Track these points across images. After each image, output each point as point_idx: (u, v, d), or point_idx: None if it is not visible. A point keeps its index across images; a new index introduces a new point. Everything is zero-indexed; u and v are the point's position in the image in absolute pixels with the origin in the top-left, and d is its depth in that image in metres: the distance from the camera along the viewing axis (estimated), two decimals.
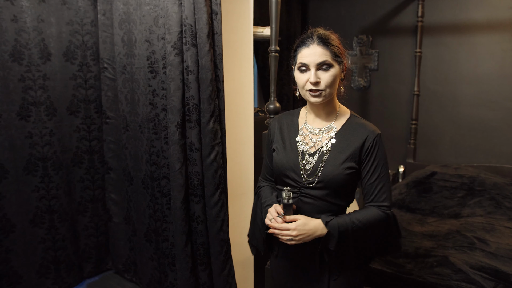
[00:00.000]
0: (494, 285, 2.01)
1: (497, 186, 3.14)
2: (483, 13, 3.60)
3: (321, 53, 1.39)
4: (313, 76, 1.39)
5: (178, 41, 2.09)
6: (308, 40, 1.42)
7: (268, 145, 1.67)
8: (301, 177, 1.47)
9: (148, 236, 2.65)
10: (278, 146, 1.57)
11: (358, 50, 4.34)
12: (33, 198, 2.60)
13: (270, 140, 1.64)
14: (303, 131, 1.55)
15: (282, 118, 1.65)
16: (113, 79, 2.78)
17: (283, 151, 1.54)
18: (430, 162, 3.94)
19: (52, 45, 2.61)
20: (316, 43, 1.40)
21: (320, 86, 1.40)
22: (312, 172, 1.46)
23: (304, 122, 1.57)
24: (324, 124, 1.52)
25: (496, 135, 3.64)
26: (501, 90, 3.58)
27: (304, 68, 1.42)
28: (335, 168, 1.43)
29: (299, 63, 1.43)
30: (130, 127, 2.67)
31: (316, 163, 1.46)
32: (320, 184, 1.45)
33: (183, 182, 2.20)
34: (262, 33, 2.82)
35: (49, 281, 2.72)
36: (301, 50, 1.43)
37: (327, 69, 1.40)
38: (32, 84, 2.53)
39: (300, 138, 1.53)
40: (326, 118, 1.53)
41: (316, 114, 1.54)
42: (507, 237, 2.52)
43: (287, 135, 1.57)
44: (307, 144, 1.51)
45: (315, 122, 1.54)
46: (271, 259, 1.69)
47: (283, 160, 1.52)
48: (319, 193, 1.46)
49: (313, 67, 1.40)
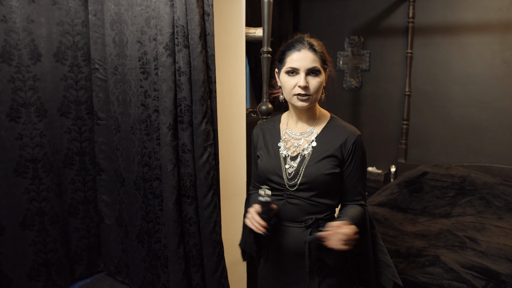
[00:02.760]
0: (484, 284, 2.03)
1: (487, 186, 3.17)
2: (473, 14, 3.64)
3: (312, 58, 1.42)
4: (303, 80, 1.41)
5: (170, 42, 2.09)
6: (298, 44, 1.44)
7: (253, 153, 1.70)
8: (284, 180, 1.50)
9: (140, 237, 2.63)
10: (262, 153, 1.60)
11: (349, 51, 4.36)
12: (23, 200, 2.57)
13: (254, 147, 1.68)
14: (285, 136, 1.58)
15: (263, 125, 1.68)
16: (105, 80, 2.76)
17: (266, 157, 1.57)
18: (421, 162, 3.98)
19: (42, 46, 2.59)
20: (307, 48, 1.43)
21: (309, 91, 1.42)
22: (294, 175, 1.49)
23: (286, 128, 1.60)
24: (305, 128, 1.55)
25: (486, 135, 3.68)
26: (490, 91, 3.62)
27: (293, 72, 1.43)
28: (316, 170, 1.46)
29: (289, 67, 1.44)
30: (122, 128, 2.65)
31: (297, 166, 1.49)
32: (303, 186, 1.47)
33: (175, 184, 2.19)
34: (254, 34, 2.82)
35: (40, 284, 2.69)
36: (291, 54, 1.44)
37: (316, 75, 1.43)
38: (22, 85, 2.50)
39: (282, 143, 1.56)
40: (307, 122, 1.55)
41: (298, 118, 1.56)
42: (497, 236, 2.55)
43: (270, 141, 1.60)
44: (289, 149, 1.54)
45: (296, 126, 1.57)
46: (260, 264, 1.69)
47: (266, 166, 1.55)
48: (305, 195, 1.48)
49: (303, 71, 1.41)
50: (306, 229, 1.49)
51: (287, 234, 1.52)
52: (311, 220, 1.48)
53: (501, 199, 3.02)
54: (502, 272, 2.11)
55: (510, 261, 2.25)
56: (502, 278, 2.06)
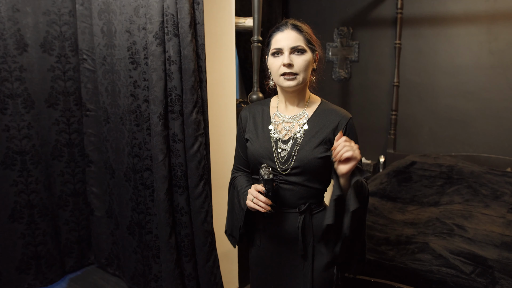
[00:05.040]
0: (472, 269, 2.07)
1: (474, 175, 3.22)
2: (460, 5, 3.67)
3: (295, 37, 1.42)
4: (287, 58, 1.41)
5: (160, 31, 2.07)
6: (282, 26, 1.46)
7: (239, 135, 1.67)
8: (276, 164, 1.49)
9: (131, 229, 2.62)
10: (252, 136, 1.58)
11: (338, 42, 4.37)
12: (11, 193, 2.54)
13: (242, 130, 1.65)
14: (275, 119, 1.56)
15: (252, 107, 1.65)
16: (93, 70, 2.73)
17: (256, 140, 1.55)
18: (410, 152, 4.02)
19: (29, 36, 2.54)
20: (290, 28, 1.44)
21: (294, 69, 1.42)
22: (286, 159, 1.48)
23: (276, 111, 1.58)
24: (296, 111, 1.54)
25: (473, 125, 3.73)
26: (477, 81, 3.66)
27: (278, 53, 1.44)
28: (309, 153, 1.45)
29: (273, 48, 1.45)
30: (111, 119, 2.63)
31: (290, 149, 1.48)
32: (296, 170, 1.46)
33: (166, 174, 2.18)
34: (244, 23, 2.81)
35: (29, 277, 2.67)
36: (275, 36, 1.46)
37: (301, 54, 1.43)
38: (8, 76, 2.46)
39: (272, 126, 1.55)
40: (298, 105, 1.54)
41: (288, 102, 1.55)
42: (484, 223, 2.60)
43: (260, 124, 1.58)
44: (280, 132, 1.52)
45: (286, 110, 1.56)
46: (251, 251, 1.68)
47: (258, 149, 1.53)
48: (297, 179, 1.48)
49: (286, 50, 1.42)
50: (299, 215, 1.49)
51: (280, 220, 1.52)
52: (304, 206, 1.49)
53: (488, 188, 3.08)
54: (489, 258, 2.15)
55: (497, 247, 2.30)
56: (489, 263, 2.11)
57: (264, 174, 1.37)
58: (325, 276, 1.54)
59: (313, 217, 1.52)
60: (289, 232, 1.51)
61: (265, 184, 1.39)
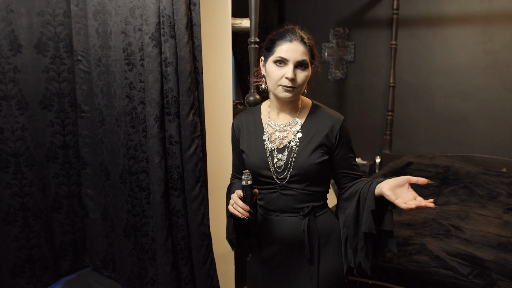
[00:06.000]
0: (470, 270, 2.07)
1: (470, 175, 3.23)
2: (456, 6, 3.68)
3: (303, 51, 1.39)
4: (291, 72, 1.38)
5: (156, 32, 2.05)
6: (290, 35, 1.40)
7: (234, 146, 1.66)
8: (273, 174, 1.48)
9: (126, 231, 2.60)
10: (246, 148, 1.56)
11: (334, 43, 4.37)
12: (5, 195, 2.51)
13: (236, 141, 1.63)
14: (268, 128, 1.54)
15: (242, 117, 1.63)
16: (88, 72, 2.71)
17: (252, 151, 1.54)
18: (406, 152, 4.02)
19: (23, 37, 2.51)
20: (299, 40, 1.40)
21: (295, 83, 1.40)
22: (284, 168, 1.47)
23: (268, 120, 1.56)
24: (288, 119, 1.53)
25: (468, 126, 3.74)
26: (473, 82, 3.68)
27: (281, 62, 1.40)
28: (306, 161, 1.45)
29: (278, 56, 1.40)
30: (106, 121, 2.61)
31: (286, 159, 1.47)
32: (295, 178, 1.46)
33: (162, 176, 2.17)
34: (240, 24, 2.79)
35: (23, 281, 2.64)
36: (282, 44, 1.40)
37: (304, 69, 1.41)
38: (2, 77, 2.43)
39: (266, 136, 1.53)
40: (290, 113, 1.53)
41: (280, 110, 1.53)
42: (480, 224, 2.60)
43: (254, 135, 1.56)
44: (275, 142, 1.51)
45: (278, 118, 1.54)
46: (252, 256, 1.67)
47: (255, 160, 1.52)
48: (298, 186, 1.48)
49: (292, 63, 1.38)
50: (303, 218, 1.49)
51: (284, 224, 1.51)
52: (307, 209, 1.48)
53: (484, 188, 3.08)
54: (486, 259, 2.15)
55: (494, 247, 2.30)
56: (486, 264, 2.10)
57: (243, 180, 1.36)
58: (331, 279, 1.53)
59: (317, 219, 1.52)
60: (294, 236, 1.50)
61: (243, 189, 1.37)
